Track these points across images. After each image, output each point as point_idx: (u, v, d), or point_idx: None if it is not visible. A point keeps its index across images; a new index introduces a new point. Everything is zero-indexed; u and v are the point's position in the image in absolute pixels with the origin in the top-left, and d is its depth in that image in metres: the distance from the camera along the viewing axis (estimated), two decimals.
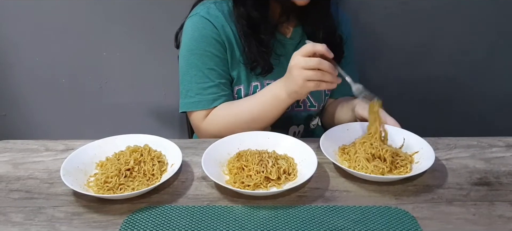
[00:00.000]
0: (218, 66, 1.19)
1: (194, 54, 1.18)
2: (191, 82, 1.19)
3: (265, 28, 1.17)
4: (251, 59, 1.18)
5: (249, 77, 1.22)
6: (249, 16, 1.16)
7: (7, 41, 1.72)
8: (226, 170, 0.96)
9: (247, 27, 1.16)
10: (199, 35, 1.17)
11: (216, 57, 1.18)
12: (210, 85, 1.18)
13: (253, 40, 1.17)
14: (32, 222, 0.81)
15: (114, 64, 1.76)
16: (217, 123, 1.17)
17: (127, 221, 0.81)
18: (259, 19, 1.16)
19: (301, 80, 1.00)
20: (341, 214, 0.83)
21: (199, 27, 1.17)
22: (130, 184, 0.90)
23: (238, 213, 0.84)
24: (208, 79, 1.18)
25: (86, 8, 1.66)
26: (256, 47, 1.17)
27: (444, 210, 0.84)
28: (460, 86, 1.84)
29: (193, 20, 1.19)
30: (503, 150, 1.08)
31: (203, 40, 1.17)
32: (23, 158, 1.04)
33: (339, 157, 1.02)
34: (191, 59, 1.18)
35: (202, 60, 1.17)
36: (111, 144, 1.01)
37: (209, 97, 1.18)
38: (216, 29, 1.17)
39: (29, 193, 0.90)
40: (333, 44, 1.25)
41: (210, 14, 1.18)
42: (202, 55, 1.17)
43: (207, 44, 1.17)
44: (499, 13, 1.70)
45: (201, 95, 1.18)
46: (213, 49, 1.17)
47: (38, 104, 1.84)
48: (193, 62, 1.18)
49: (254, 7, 1.15)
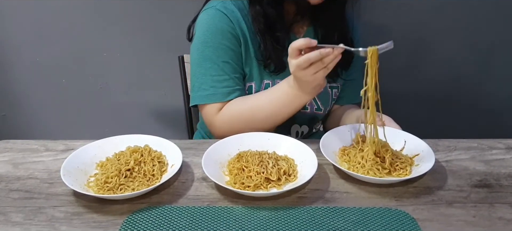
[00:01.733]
0: (233, 60, 1.18)
1: (209, 46, 1.16)
2: (205, 75, 1.17)
3: (281, 27, 1.17)
4: (266, 56, 1.18)
5: (261, 74, 1.21)
6: (265, 14, 1.16)
7: (8, 41, 1.72)
8: (226, 171, 0.96)
9: (264, 24, 1.16)
10: (215, 28, 1.16)
11: (231, 51, 1.17)
12: (225, 79, 1.17)
13: (269, 37, 1.17)
14: (32, 222, 0.81)
15: (115, 64, 1.76)
16: (231, 117, 1.16)
17: (127, 221, 0.81)
18: (275, 17, 1.16)
19: (309, 77, 0.99)
20: (341, 215, 0.83)
21: (215, 20, 1.17)
22: (130, 184, 0.90)
23: (238, 214, 0.84)
24: (223, 72, 1.17)
25: (86, 9, 1.66)
26: (272, 45, 1.17)
27: (444, 212, 0.84)
28: (461, 88, 1.84)
29: (209, 13, 1.18)
30: (503, 152, 1.08)
31: (219, 33, 1.16)
32: (23, 157, 1.04)
33: (339, 158, 1.02)
34: (205, 51, 1.17)
35: (217, 53, 1.16)
36: (111, 144, 1.01)
37: (224, 90, 1.17)
38: (232, 23, 1.16)
39: (29, 193, 0.90)
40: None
41: (226, 8, 1.17)
42: (218, 48, 1.16)
43: (223, 37, 1.16)
44: (501, 15, 1.70)
45: (215, 88, 1.17)
46: (228, 43, 1.17)
47: (39, 104, 1.84)
48: (208, 55, 1.17)
49: (270, 5, 1.15)
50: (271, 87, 1.19)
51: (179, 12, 1.43)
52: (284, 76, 1.20)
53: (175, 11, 1.64)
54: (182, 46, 1.49)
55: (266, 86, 1.22)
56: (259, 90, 1.22)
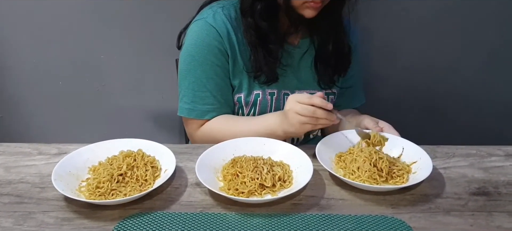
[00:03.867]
0: (217, 76, 1.18)
1: (195, 60, 1.16)
2: (188, 88, 1.18)
3: (274, 38, 1.16)
4: (256, 68, 1.17)
5: (251, 85, 1.21)
6: (257, 27, 1.15)
7: (5, 43, 1.71)
8: (220, 176, 0.95)
9: (256, 37, 1.15)
10: (202, 42, 1.16)
11: (216, 67, 1.17)
12: (206, 95, 1.18)
13: (261, 49, 1.16)
14: (22, 228, 0.80)
15: (112, 67, 1.75)
16: (210, 137, 1.17)
17: (118, 227, 0.80)
18: (268, 30, 1.15)
19: (297, 123, 1.02)
20: (336, 223, 0.82)
21: (203, 33, 1.16)
22: (122, 190, 0.88)
23: (231, 221, 0.82)
24: (205, 88, 1.17)
25: (84, 11, 1.65)
26: (264, 56, 1.16)
27: (442, 220, 0.83)
28: (460, 94, 1.82)
29: (198, 24, 1.18)
30: (503, 159, 1.06)
31: (205, 48, 1.16)
32: (16, 161, 1.02)
33: (335, 164, 1.01)
34: (191, 65, 1.17)
35: (202, 68, 1.16)
36: (104, 148, 1.00)
37: (204, 108, 1.18)
38: (220, 37, 1.15)
39: (19, 197, 0.89)
40: (341, 54, 1.24)
41: (216, 20, 1.16)
42: (203, 64, 1.16)
43: (209, 53, 1.16)
44: (500, 21, 1.69)
45: (195, 104, 1.18)
46: (214, 58, 1.16)
47: (35, 106, 1.83)
48: (192, 69, 1.17)
49: (262, 18, 1.14)
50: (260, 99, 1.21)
51: (176, 15, 1.42)
52: (276, 87, 1.20)
53: (172, 14, 1.63)
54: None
55: (256, 96, 1.21)
56: (249, 101, 1.22)
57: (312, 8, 1.08)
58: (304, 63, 1.25)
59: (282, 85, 1.21)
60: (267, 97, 1.21)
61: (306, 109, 0.99)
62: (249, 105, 1.22)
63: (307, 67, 1.25)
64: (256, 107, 1.22)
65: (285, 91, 1.23)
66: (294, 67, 1.23)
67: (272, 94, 1.21)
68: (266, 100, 1.22)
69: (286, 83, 1.22)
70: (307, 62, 1.25)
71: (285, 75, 1.21)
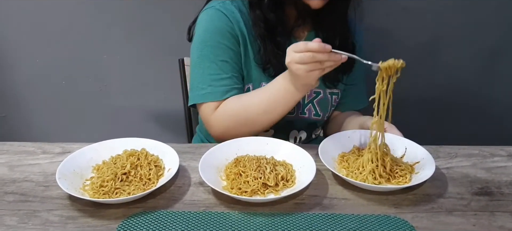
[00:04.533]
0: (231, 60, 1.17)
1: (208, 46, 1.16)
2: (203, 74, 1.17)
3: (282, 31, 1.16)
4: (265, 60, 1.17)
5: (260, 77, 1.20)
6: (265, 19, 1.15)
7: (8, 43, 1.72)
8: (223, 176, 0.95)
9: (264, 29, 1.16)
10: (214, 28, 1.16)
11: (229, 50, 1.16)
12: (223, 77, 1.16)
13: (269, 42, 1.16)
14: (26, 226, 0.80)
15: (114, 67, 1.76)
16: (226, 116, 1.14)
17: (122, 226, 0.80)
18: (276, 22, 1.15)
19: (303, 73, 0.97)
20: (338, 222, 0.82)
21: (214, 19, 1.16)
22: (126, 189, 0.89)
23: (234, 220, 0.83)
24: (221, 71, 1.16)
25: (86, 10, 1.66)
26: (272, 49, 1.16)
27: (444, 220, 0.83)
28: (463, 94, 1.83)
29: (208, 12, 1.18)
30: (505, 160, 1.06)
31: (218, 33, 1.15)
32: (20, 160, 1.03)
33: (338, 164, 1.01)
34: (204, 51, 1.16)
35: (216, 53, 1.15)
36: (108, 148, 1.00)
37: (222, 88, 1.15)
38: (231, 23, 1.16)
39: (24, 195, 0.89)
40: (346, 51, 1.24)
41: (226, 9, 1.16)
42: (216, 47, 1.15)
43: (222, 37, 1.15)
44: (503, 20, 1.69)
45: (213, 87, 1.16)
46: (227, 42, 1.16)
47: (38, 106, 1.84)
48: (206, 54, 1.16)
49: (270, 9, 1.14)
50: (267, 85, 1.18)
51: (179, 14, 1.43)
52: None
53: (175, 13, 1.64)
54: (182, 49, 1.48)
55: None
56: None
57: None
58: None
59: None
60: None
61: (305, 56, 0.94)
62: None
63: None
64: None
65: None
66: None
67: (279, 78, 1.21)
68: None
69: None
70: None
71: None
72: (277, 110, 1.10)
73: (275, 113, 1.11)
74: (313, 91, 1.25)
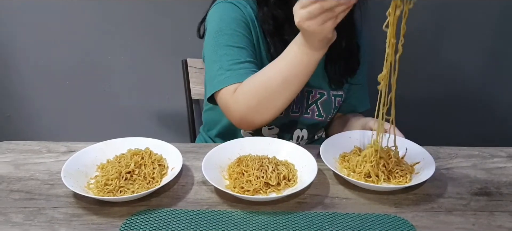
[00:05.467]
0: (248, 47, 1.14)
1: (224, 34, 1.13)
2: (221, 61, 1.11)
3: (289, 29, 1.14)
4: (274, 58, 1.17)
5: None
6: (273, 16, 1.15)
7: (13, 43, 1.73)
8: (226, 175, 0.97)
9: (273, 27, 1.16)
10: (228, 17, 1.15)
11: (245, 38, 1.15)
12: (241, 61, 1.12)
13: (278, 40, 1.16)
14: (32, 223, 0.81)
15: (119, 67, 1.77)
16: (246, 95, 1.06)
17: (126, 223, 0.81)
18: (283, 19, 1.14)
19: (316, 27, 0.91)
20: (340, 221, 0.83)
21: (228, 10, 1.16)
22: (130, 187, 0.90)
23: (237, 218, 0.84)
24: (239, 56, 1.12)
25: (91, 12, 1.67)
26: (281, 47, 1.13)
27: (444, 219, 0.84)
28: (463, 96, 1.83)
29: (220, 6, 1.18)
30: (505, 160, 1.07)
31: (233, 21, 1.14)
32: (25, 159, 1.04)
33: (339, 164, 1.02)
34: (219, 39, 1.13)
35: (232, 40, 1.13)
36: (112, 147, 1.02)
37: (241, 71, 1.10)
38: (244, 14, 1.16)
39: (29, 193, 0.90)
40: (351, 53, 1.25)
41: (239, 2, 1.17)
42: (232, 35, 1.13)
43: (237, 26, 1.14)
44: (503, 20, 1.69)
45: (232, 71, 1.10)
46: (243, 30, 1.15)
47: (43, 105, 1.86)
48: (222, 42, 1.13)
49: (278, 6, 1.14)
50: None
51: (183, 16, 1.44)
52: None
53: (179, 15, 1.65)
54: (185, 50, 1.50)
55: None
56: None
57: None
58: None
59: None
60: None
61: (313, 8, 0.88)
62: None
63: (318, 67, 1.25)
64: None
65: None
66: None
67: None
68: None
69: None
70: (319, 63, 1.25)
71: None
72: (299, 77, 1.03)
73: (296, 82, 1.04)
74: (318, 93, 1.26)
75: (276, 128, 1.26)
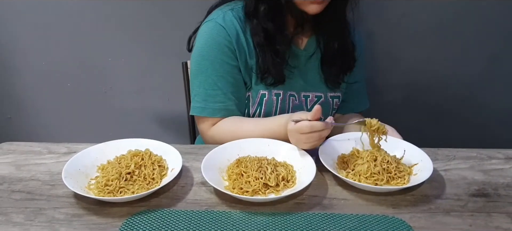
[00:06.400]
0: (228, 74, 1.19)
1: (206, 59, 1.18)
2: (199, 87, 1.19)
3: (281, 40, 1.17)
4: (264, 70, 1.19)
5: (258, 85, 1.22)
6: (263, 28, 1.16)
7: (14, 45, 1.74)
8: (225, 176, 0.97)
9: (264, 38, 1.17)
10: (213, 42, 1.17)
11: (227, 65, 1.18)
12: (217, 93, 1.18)
13: (269, 51, 1.17)
14: (33, 223, 0.82)
15: (119, 69, 1.78)
16: (219, 138, 1.17)
17: (126, 224, 0.82)
18: (274, 31, 1.16)
19: (309, 147, 1.01)
20: (338, 222, 0.84)
21: (213, 33, 1.17)
22: (130, 188, 0.91)
23: (236, 219, 0.84)
24: (216, 86, 1.18)
25: (92, 13, 1.68)
26: (271, 58, 1.17)
27: (441, 220, 0.85)
28: (461, 97, 1.84)
29: (208, 26, 1.19)
30: (502, 162, 1.08)
31: (216, 47, 1.17)
32: (26, 159, 1.05)
33: (338, 165, 1.02)
34: (202, 64, 1.18)
35: (213, 67, 1.17)
36: (112, 148, 1.03)
37: (215, 106, 1.19)
38: (230, 37, 1.17)
39: (30, 194, 0.91)
40: (346, 52, 1.26)
41: (226, 21, 1.18)
42: (214, 62, 1.17)
43: (219, 52, 1.17)
44: (501, 24, 1.70)
45: (206, 102, 1.19)
46: (225, 57, 1.17)
47: (43, 107, 1.86)
48: (204, 68, 1.18)
49: (268, 19, 1.15)
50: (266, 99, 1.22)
51: (184, 18, 1.44)
52: (282, 88, 1.21)
53: (180, 17, 1.66)
54: (185, 53, 1.50)
55: (262, 97, 1.22)
56: (255, 100, 1.23)
57: (315, 3, 1.09)
58: (311, 65, 1.26)
59: (288, 87, 1.23)
60: (272, 97, 1.23)
61: (314, 136, 0.98)
62: (255, 105, 1.24)
63: (314, 69, 1.26)
64: (262, 107, 1.24)
65: (291, 93, 1.25)
66: (300, 69, 1.24)
67: (278, 95, 1.23)
68: (272, 101, 1.23)
69: (292, 84, 1.23)
70: (313, 64, 1.26)
71: (292, 77, 1.22)
72: None
73: None
74: (315, 96, 1.27)
75: None
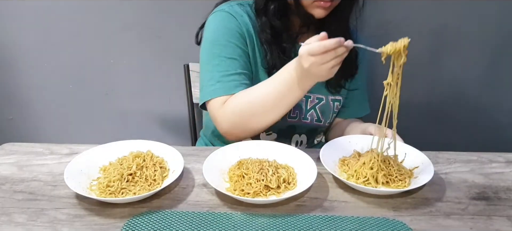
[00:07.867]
0: (240, 57, 1.18)
1: (217, 45, 1.17)
2: (212, 72, 1.17)
3: (287, 37, 1.19)
4: (272, 65, 1.20)
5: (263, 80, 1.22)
6: (271, 25, 1.18)
7: (16, 46, 1.75)
8: (226, 178, 0.97)
9: (270, 35, 1.18)
10: (223, 28, 1.18)
11: (239, 49, 1.18)
12: (231, 73, 1.16)
13: (276, 48, 1.19)
14: (35, 223, 0.82)
15: (121, 71, 1.78)
16: (233, 112, 1.12)
17: (128, 224, 0.82)
18: (281, 29, 1.18)
19: (326, 72, 0.96)
20: (338, 224, 0.84)
21: (224, 20, 1.19)
22: (132, 189, 0.91)
23: (237, 220, 0.85)
24: (230, 67, 1.16)
25: (94, 15, 1.69)
26: (278, 54, 1.19)
27: (442, 223, 0.85)
28: (462, 101, 1.84)
29: (217, 15, 1.20)
30: (503, 166, 1.08)
31: (227, 32, 1.17)
32: (28, 160, 1.05)
33: (339, 168, 1.03)
34: (213, 49, 1.18)
35: (226, 51, 1.17)
36: (114, 149, 1.03)
37: (231, 84, 1.15)
38: (240, 24, 1.18)
39: (32, 194, 0.91)
40: (349, 58, 1.26)
41: (235, 11, 1.19)
42: (226, 46, 1.17)
43: (231, 36, 1.17)
44: (503, 25, 1.70)
45: (222, 83, 1.15)
46: (236, 41, 1.17)
47: (45, 108, 1.87)
48: (216, 52, 1.17)
49: (276, 17, 1.17)
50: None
51: (185, 21, 1.45)
52: None
53: (181, 20, 1.66)
54: (188, 55, 1.51)
55: None
56: None
57: (321, 7, 1.10)
58: None
59: None
60: None
61: (328, 56, 0.92)
62: None
63: None
64: None
65: None
66: None
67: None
68: None
69: None
70: None
71: None
72: (282, 106, 1.09)
73: (281, 110, 1.09)
74: (316, 98, 1.27)
75: (274, 134, 1.28)
